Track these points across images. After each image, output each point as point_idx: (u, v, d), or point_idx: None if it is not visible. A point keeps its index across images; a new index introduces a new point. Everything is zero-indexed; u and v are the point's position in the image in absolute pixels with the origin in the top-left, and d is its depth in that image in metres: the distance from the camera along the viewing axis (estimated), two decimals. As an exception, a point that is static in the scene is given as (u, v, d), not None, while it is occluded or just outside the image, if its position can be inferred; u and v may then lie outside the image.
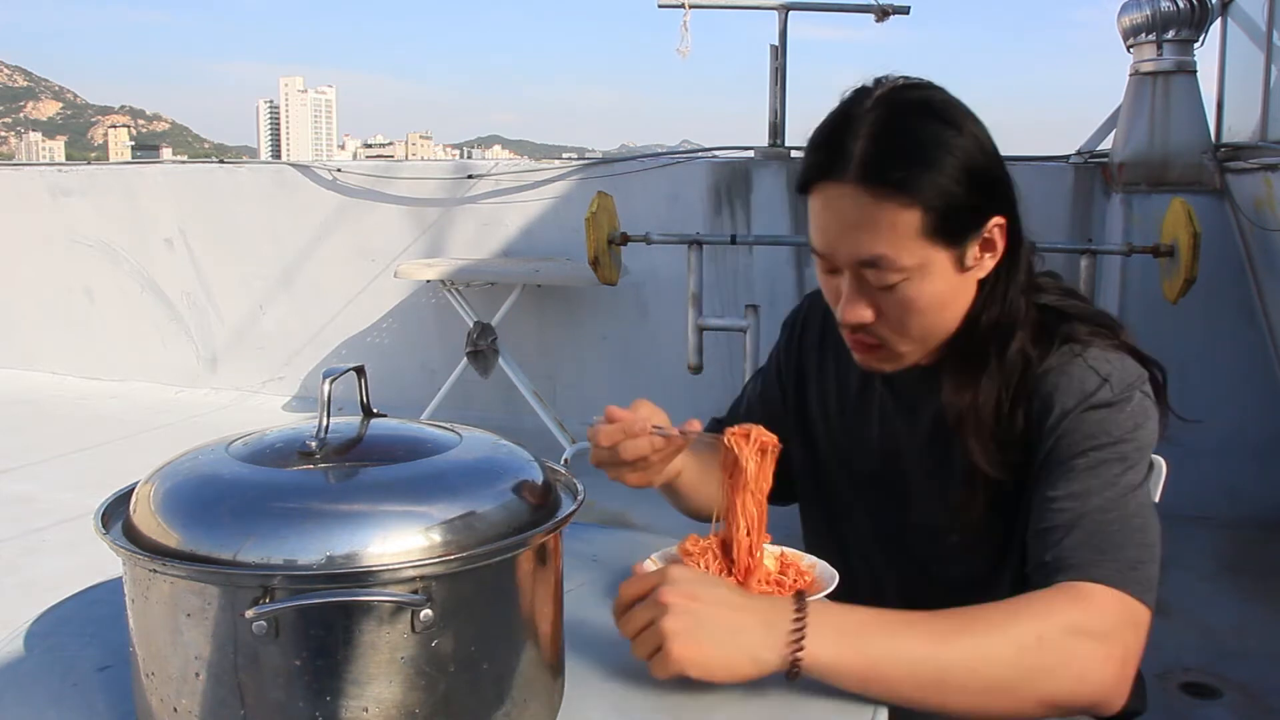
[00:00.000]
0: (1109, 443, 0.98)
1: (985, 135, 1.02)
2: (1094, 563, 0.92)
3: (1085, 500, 0.96)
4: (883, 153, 0.97)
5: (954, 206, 0.98)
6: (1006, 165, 1.04)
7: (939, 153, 0.98)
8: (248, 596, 0.67)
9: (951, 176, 0.98)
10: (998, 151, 1.03)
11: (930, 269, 1.00)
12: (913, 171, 0.97)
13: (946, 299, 1.03)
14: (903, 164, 0.97)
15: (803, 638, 0.83)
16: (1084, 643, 0.87)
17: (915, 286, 1.01)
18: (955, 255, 1.01)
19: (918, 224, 0.98)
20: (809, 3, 4.53)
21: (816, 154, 1.02)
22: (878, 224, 0.98)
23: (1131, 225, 3.68)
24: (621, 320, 4.63)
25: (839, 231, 1.01)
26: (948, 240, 1.00)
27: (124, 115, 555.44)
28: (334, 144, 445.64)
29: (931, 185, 0.97)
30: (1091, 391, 1.00)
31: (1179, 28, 3.74)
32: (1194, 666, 2.53)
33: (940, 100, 1.01)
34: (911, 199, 0.97)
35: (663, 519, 1.34)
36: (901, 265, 0.99)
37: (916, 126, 0.99)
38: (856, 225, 0.99)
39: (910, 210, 0.97)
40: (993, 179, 1.02)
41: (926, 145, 0.98)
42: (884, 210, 0.97)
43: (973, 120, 1.02)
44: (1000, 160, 1.03)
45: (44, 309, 5.83)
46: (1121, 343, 1.05)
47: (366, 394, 0.87)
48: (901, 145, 0.98)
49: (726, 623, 0.83)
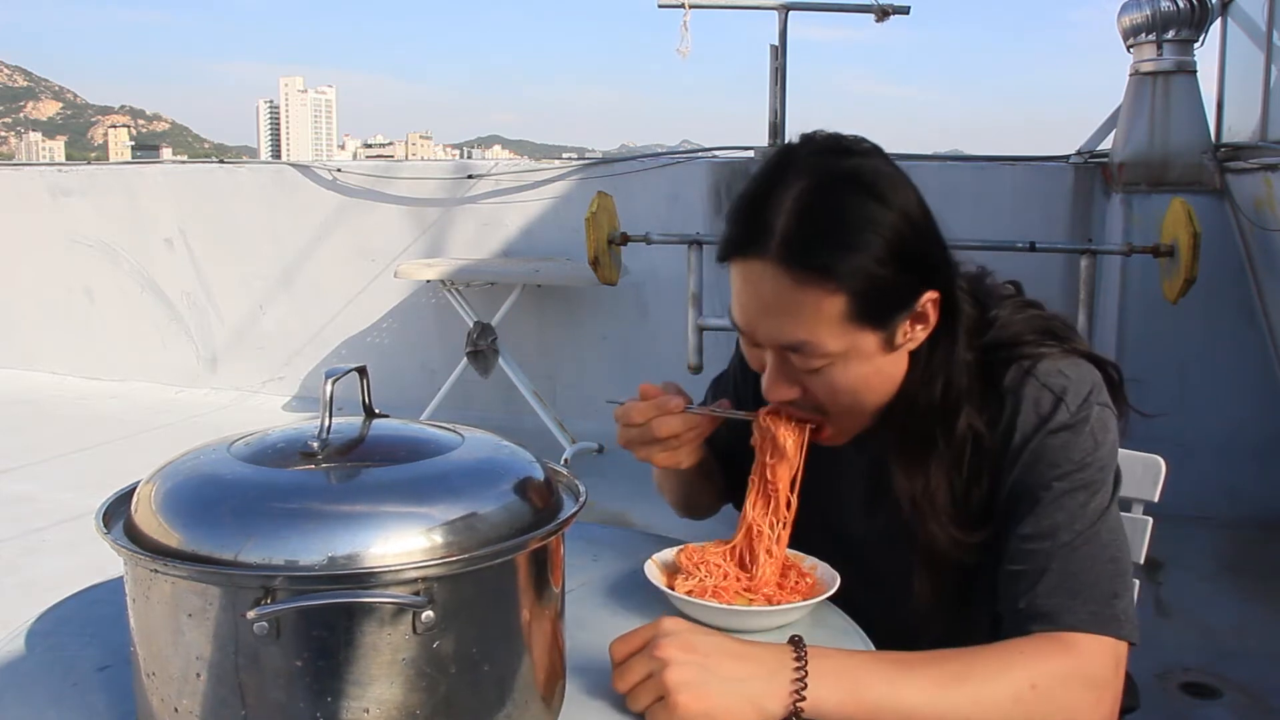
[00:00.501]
0: (1071, 470, 0.96)
1: (917, 206, 0.97)
2: (1069, 609, 0.92)
3: (1054, 538, 0.95)
4: (805, 233, 0.92)
5: (881, 289, 0.94)
6: (938, 236, 0.99)
7: (865, 234, 0.92)
8: (249, 597, 0.67)
9: (878, 258, 0.92)
10: (931, 222, 0.98)
11: (857, 352, 0.96)
12: (837, 255, 0.92)
13: (875, 379, 0.99)
14: (826, 247, 0.92)
15: (804, 685, 0.83)
16: (1076, 691, 0.88)
17: (841, 370, 0.97)
18: (884, 336, 0.97)
19: (842, 309, 0.93)
20: (809, 3, 4.53)
21: (736, 226, 0.97)
22: (800, 309, 0.94)
23: (1131, 225, 3.68)
24: (621, 320, 4.63)
25: (759, 312, 0.97)
26: (875, 323, 0.95)
27: (124, 115, 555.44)
28: (334, 144, 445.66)
29: (857, 269, 0.92)
30: (1048, 414, 0.98)
31: (1179, 28, 3.74)
32: (1194, 666, 2.53)
33: (870, 171, 0.95)
34: (836, 284, 0.92)
35: (663, 519, 1.34)
36: (826, 351, 0.95)
37: (842, 204, 0.93)
38: (777, 309, 0.95)
39: (834, 296, 0.93)
40: (923, 254, 0.96)
41: (851, 226, 0.93)
42: (806, 295, 0.93)
43: (905, 189, 0.96)
44: (932, 232, 0.98)
45: (44, 309, 5.83)
46: (1072, 349, 1.02)
47: (369, 394, 0.87)
48: (825, 225, 0.93)
49: (729, 672, 0.82)
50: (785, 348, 0.97)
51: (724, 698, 0.81)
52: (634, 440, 1.07)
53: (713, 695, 0.81)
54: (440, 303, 4.75)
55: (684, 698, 0.80)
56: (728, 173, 4.46)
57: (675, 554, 1.09)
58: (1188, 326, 3.54)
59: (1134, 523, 1.24)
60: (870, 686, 0.84)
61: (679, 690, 0.80)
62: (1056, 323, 1.05)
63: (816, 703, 0.83)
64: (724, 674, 0.82)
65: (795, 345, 0.96)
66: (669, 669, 0.81)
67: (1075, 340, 1.04)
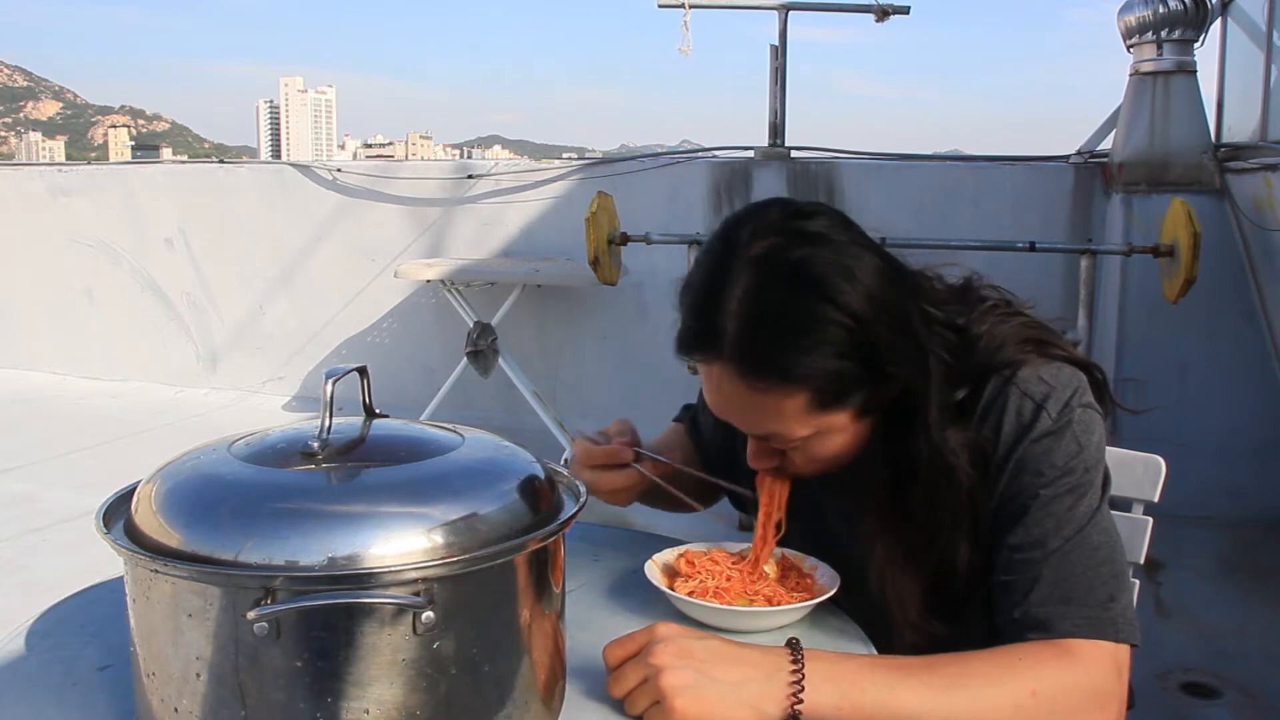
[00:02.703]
0: (1057, 476, 0.96)
1: (876, 286, 0.93)
2: (1064, 615, 0.92)
3: (1044, 546, 0.95)
4: (755, 337, 0.92)
5: (843, 379, 0.93)
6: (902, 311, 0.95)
7: (817, 335, 0.91)
8: (249, 597, 0.67)
9: (835, 354, 0.92)
10: (893, 302, 0.94)
11: (829, 431, 0.97)
12: (789, 359, 0.91)
13: (852, 443, 1.00)
14: (778, 352, 0.91)
15: (801, 688, 0.83)
16: (1077, 698, 0.88)
17: (817, 446, 0.99)
18: (854, 409, 0.97)
19: (805, 403, 0.94)
20: (809, 3, 4.53)
21: (688, 321, 0.97)
22: (763, 407, 0.95)
23: (1131, 225, 3.68)
24: (621, 320, 4.63)
25: (725, 408, 0.99)
26: (842, 405, 0.95)
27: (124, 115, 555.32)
28: (334, 144, 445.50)
29: (814, 368, 0.92)
30: (1030, 422, 0.97)
31: (1179, 28, 3.74)
32: (1194, 666, 2.53)
33: (819, 264, 0.92)
34: (794, 385, 0.92)
35: (664, 519, 1.34)
36: (796, 437, 0.97)
37: (789, 305, 0.92)
38: (741, 408, 0.97)
39: (795, 395, 0.93)
40: (882, 340, 0.93)
41: (802, 327, 0.91)
42: (766, 397, 0.94)
43: (859, 272, 0.92)
44: (895, 311, 0.94)
45: (44, 309, 5.82)
46: (1053, 352, 1.02)
47: (369, 394, 0.87)
48: (774, 329, 0.92)
49: (726, 676, 0.82)
50: (757, 436, 1.01)
51: (721, 701, 0.81)
52: (584, 479, 1.11)
53: (710, 699, 0.81)
54: (440, 303, 4.75)
55: (681, 702, 0.80)
56: (727, 173, 4.46)
57: (676, 555, 1.09)
58: (1188, 326, 3.53)
59: (1134, 523, 1.24)
60: (867, 690, 0.84)
61: (676, 695, 0.80)
62: (1040, 329, 1.04)
63: (813, 706, 0.82)
64: (720, 678, 0.82)
65: (765, 436, 0.99)
66: (665, 674, 0.81)
67: (1058, 345, 1.03)
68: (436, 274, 4.38)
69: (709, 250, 0.98)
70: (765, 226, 0.95)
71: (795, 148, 4.47)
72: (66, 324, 5.77)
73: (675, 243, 3.52)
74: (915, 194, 4.23)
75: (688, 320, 0.97)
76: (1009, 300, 1.08)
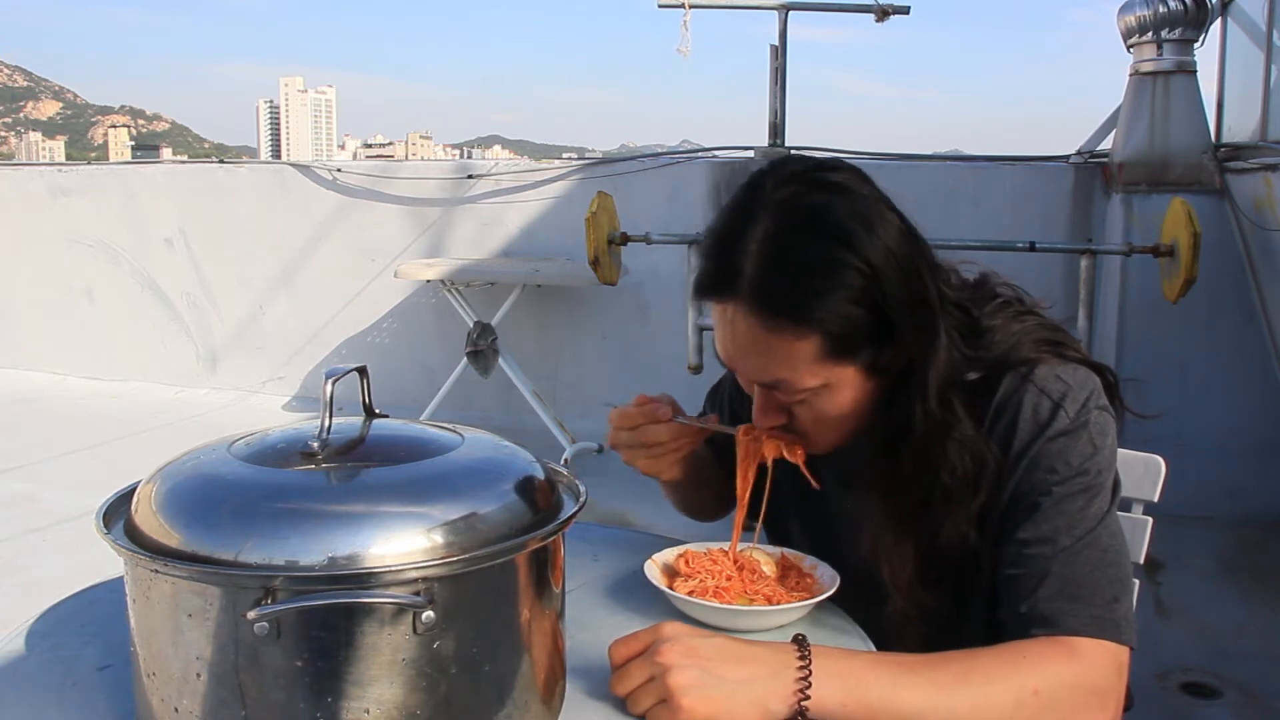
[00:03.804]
0: (1070, 475, 0.96)
1: (895, 238, 0.94)
2: (1071, 613, 0.92)
3: (1054, 543, 0.95)
4: (773, 278, 0.93)
5: (854, 327, 0.94)
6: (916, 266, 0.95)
7: (833, 279, 0.92)
8: (249, 597, 0.67)
9: (850, 299, 0.92)
10: (910, 262, 0.95)
11: (837, 384, 0.97)
12: (806, 300, 0.92)
13: (858, 403, 1.00)
14: (794, 292, 0.92)
15: (808, 685, 0.83)
16: (1079, 697, 0.88)
17: (824, 399, 0.99)
18: (863, 365, 0.97)
19: (816, 349, 0.94)
20: (809, 3, 4.53)
21: (707, 264, 0.98)
22: (774, 350, 0.95)
23: (1131, 225, 3.68)
24: (621, 320, 4.63)
25: (736, 352, 0.99)
26: (851, 357, 0.96)
27: (124, 115, 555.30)
28: (334, 144, 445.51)
29: (828, 312, 0.92)
30: (1047, 420, 0.98)
31: (1179, 28, 3.74)
32: (1194, 666, 2.53)
33: (838, 211, 0.93)
34: (807, 327, 0.93)
35: (664, 519, 1.34)
36: (804, 387, 0.97)
37: (808, 247, 0.93)
38: (752, 350, 0.96)
39: (807, 339, 0.93)
40: (898, 291, 0.93)
41: (819, 270, 0.92)
42: (779, 338, 0.94)
43: (878, 224, 0.93)
44: (910, 264, 0.95)
45: (44, 309, 5.82)
46: (1068, 354, 1.02)
47: (369, 394, 0.87)
48: (792, 271, 0.93)
49: (732, 675, 0.82)
50: (764, 385, 1.00)
51: (728, 700, 0.81)
52: (622, 443, 1.12)
53: (717, 698, 0.81)
54: (440, 303, 4.75)
55: (688, 701, 0.80)
56: (728, 173, 4.46)
57: (676, 555, 1.09)
58: (1188, 326, 3.53)
59: (1134, 523, 1.24)
60: (871, 687, 0.84)
61: (683, 694, 0.80)
62: (1055, 329, 1.05)
63: (819, 702, 0.83)
64: (727, 676, 0.82)
65: (773, 383, 0.99)
66: (671, 673, 0.81)
67: (1073, 346, 1.04)
68: (436, 274, 4.38)
69: (733, 198, 0.99)
70: (788, 175, 0.97)
71: (795, 148, 4.47)
72: (66, 324, 5.77)
73: (675, 243, 3.52)
74: (915, 194, 4.20)
75: (707, 263, 0.98)
76: (1022, 299, 1.09)
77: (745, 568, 1.07)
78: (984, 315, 1.04)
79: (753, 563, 1.08)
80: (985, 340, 1.02)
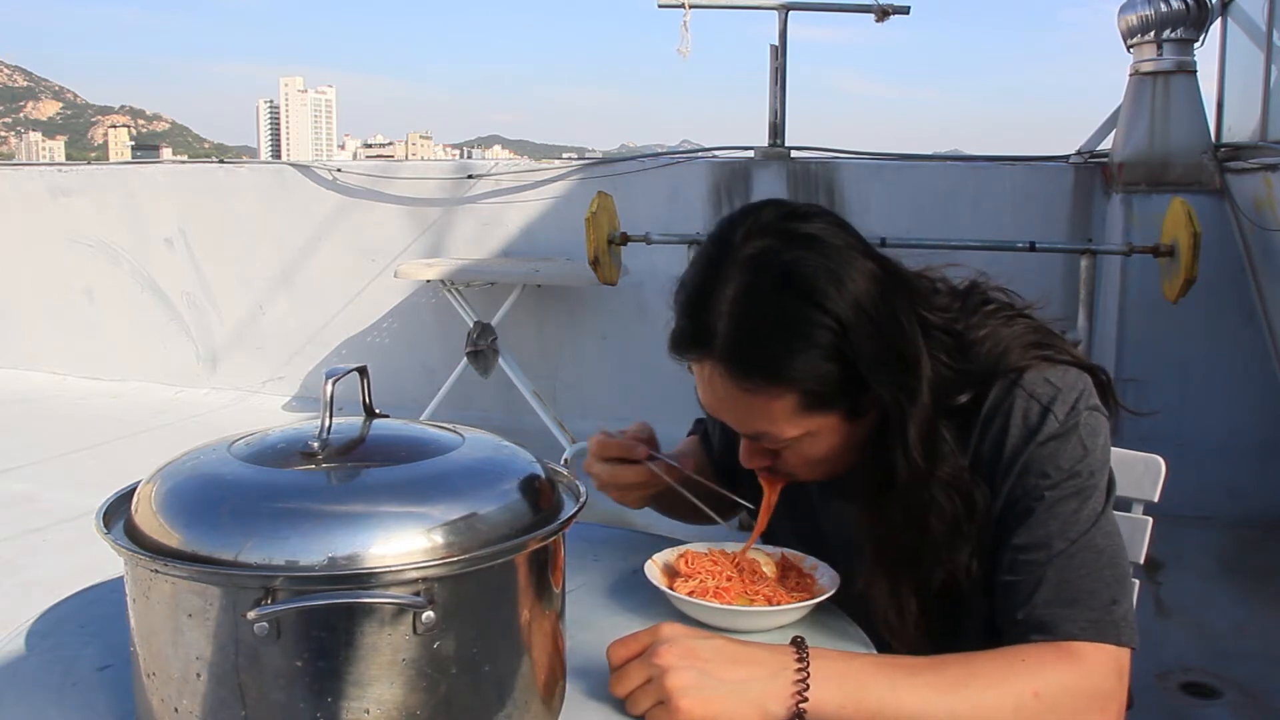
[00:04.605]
0: (1062, 478, 0.96)
1: (866, 293, 0.93)
2: (1068, 618, 0.92)
3: (1049, 548, 0.95)
4: (745, 338, 0.93)
5: (831, 383, 0.94)
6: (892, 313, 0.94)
7: (805, 338, 0.92)
8: (249, 597, 0.67)
9: (823, 357, 0.92)
10: (882, 313, 0.94)
11: (819, 432, 0.98)
12: (778, 359, 0.93)
13: (843, 445, 1.01)
14: (767, 353, 0.93)
15: (806, 686, 0.83)
16: (1079, 700, 0.88)
17: (808, 446, 0.99)
18: (843, 411, 0.97)
19: (794, 405, 0.95)
20: (809, 3, 4.53)
21: (681, 321, 0.98)
22: (753, 407, 0.96)
23: (1131, 225, 3.68)
24: (621, 320, 4.63)
25: (717, 407, 1.00)
26: (830, 408, 0.96)
27: (124, 115, 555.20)
28: (334, 144, 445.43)
29: (801, 370, 0.93)
30: (1036, 425, 0.97)
31: (1179, 28, 3.74)
32: (1194, 666, 2.53)
33: (809, 266, 0.92)
34: (782, 386, 0.94)
35: (663, 519, 1.34)
36: (785, 438, 0.98)
37: (779, 307, 0.92)
38: (731, 406, 0.98)
39: (783, 397, 0.94)
40: (872, 345, 0.93)
41: (790, 329, 0.92)
42: (756, 396, 0.95)
43: (850, 278, 0.92)
44: (883, 323, 0.94)
45: (44, 309, 5.82)
46: (1058, 356, 1.01)
47: (369, 394, 0.87)
48: (764, 331, 0.93)
49: (730, 676, 0.82)
50: (748, 435, 1.01)
51: (727, 701, 0.81)
52: (594, 473, 1.15)
53: (715, 699, 0.81)
54: (440, 303, 4.75)
55: (686, 702, 0.80)
56: (727, 173, 4.46)
57: (676, 555, 1.09)
58: (1188, 326, 3.53)
59: (1134, 523, 1.24)
60: (870, 689, 0.84)
61: (681, 695, 0.80)
62: (1044, 332, 1.04)
63: (818, 704, 0.82)
64: (725, 678, 0.82)
65: (755, 435, 1.00)
66: (669, 674, 0.81)
67: (1062, 348, 1.03)
68: (436, 274, 4.38)
69: (703, 250, 0.99)
70: (759, 227, 0.96)
71: (795, 148, 4.47)
72: (66, 324, 5.77)
73: (675, 243, 3.52)
74: (915, 194, 4.23)
75: (681, 320, 0.98)
76: (1013, 303, 1.08)
77: (745, 568, 1.07)
78: (973, 325, 1.03)
79: (753, 563, 1.08)
80: (973, 352, 1.01)
